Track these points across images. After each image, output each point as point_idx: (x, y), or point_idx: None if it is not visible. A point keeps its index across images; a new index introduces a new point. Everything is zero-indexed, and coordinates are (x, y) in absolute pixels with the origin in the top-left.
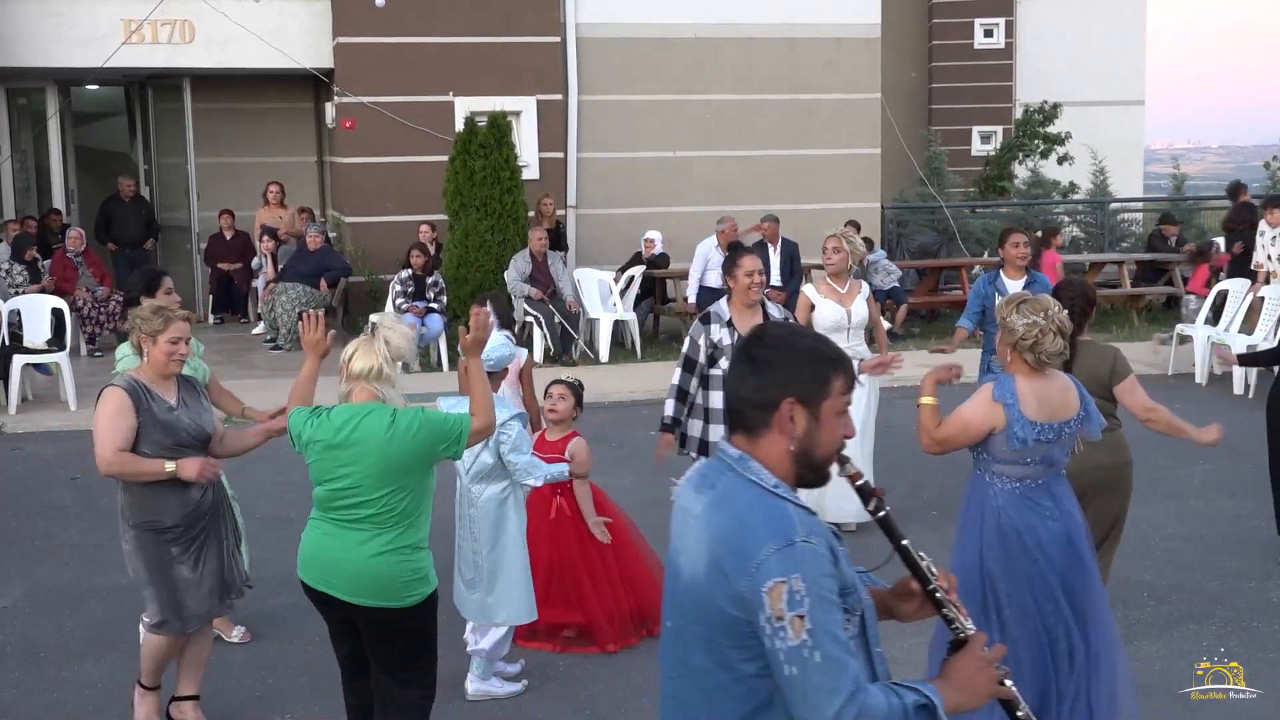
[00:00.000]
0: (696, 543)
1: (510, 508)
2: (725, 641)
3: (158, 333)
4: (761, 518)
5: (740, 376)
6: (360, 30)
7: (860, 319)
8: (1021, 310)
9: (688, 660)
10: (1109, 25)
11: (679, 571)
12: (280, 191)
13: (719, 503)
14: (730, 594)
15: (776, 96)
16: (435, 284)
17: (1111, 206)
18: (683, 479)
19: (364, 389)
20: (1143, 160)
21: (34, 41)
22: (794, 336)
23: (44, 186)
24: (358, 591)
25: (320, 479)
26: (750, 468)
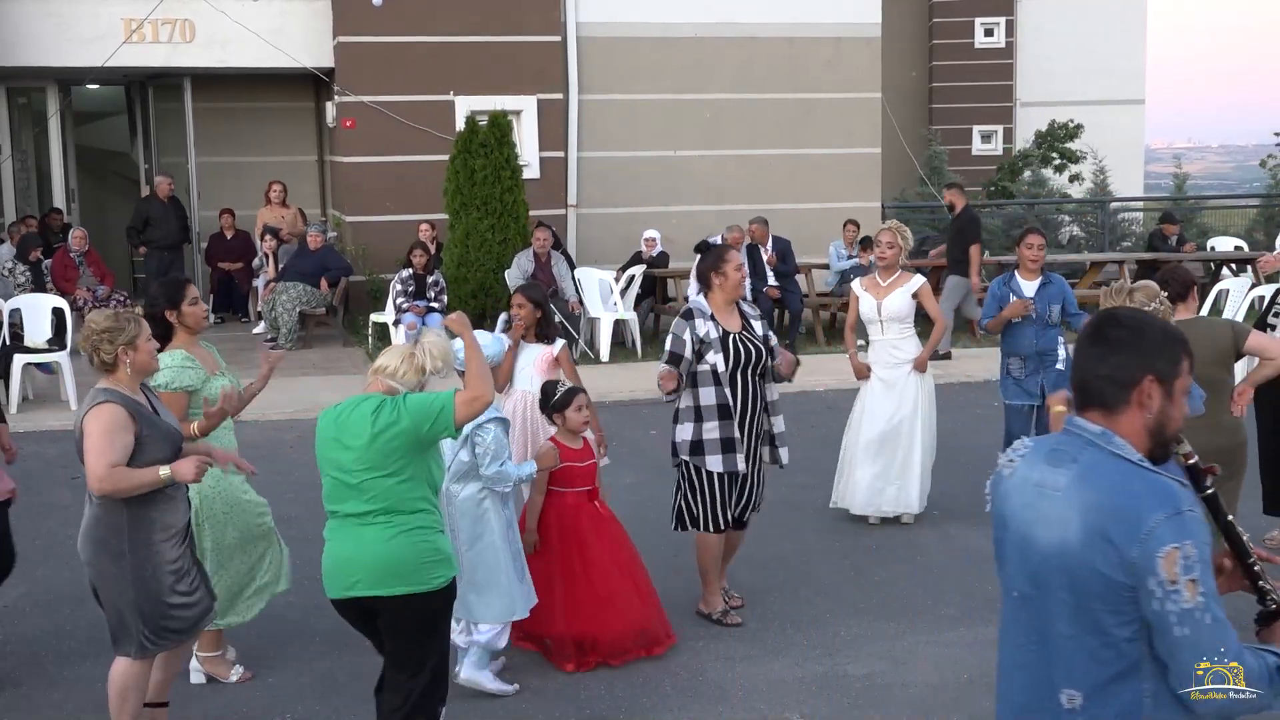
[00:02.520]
0: (1063, 512)
1: (490, 507)
2: (1100, 606)
3: (135, 337)
4: (1145, 488)
5: (1100, 356)
6: (361, 29)
7: (892, 313)
8: (1136, 299)
9: (1046, 628)
10: (1109, 25)
11: (1033, 541)
12: (283, 191)
13: (1089, 475)
14: (1118, 560)
15: (776, 96)
16: (436, 283)
17: (1112, 206)
18: (1019, 454)
19: (379, 382)
20: (1143, 160)
21: (34, 41)
22: (1147, 317)
23: (44, 186)
24: (380, 582)
25: (324, 469)
26: (1115, 442)
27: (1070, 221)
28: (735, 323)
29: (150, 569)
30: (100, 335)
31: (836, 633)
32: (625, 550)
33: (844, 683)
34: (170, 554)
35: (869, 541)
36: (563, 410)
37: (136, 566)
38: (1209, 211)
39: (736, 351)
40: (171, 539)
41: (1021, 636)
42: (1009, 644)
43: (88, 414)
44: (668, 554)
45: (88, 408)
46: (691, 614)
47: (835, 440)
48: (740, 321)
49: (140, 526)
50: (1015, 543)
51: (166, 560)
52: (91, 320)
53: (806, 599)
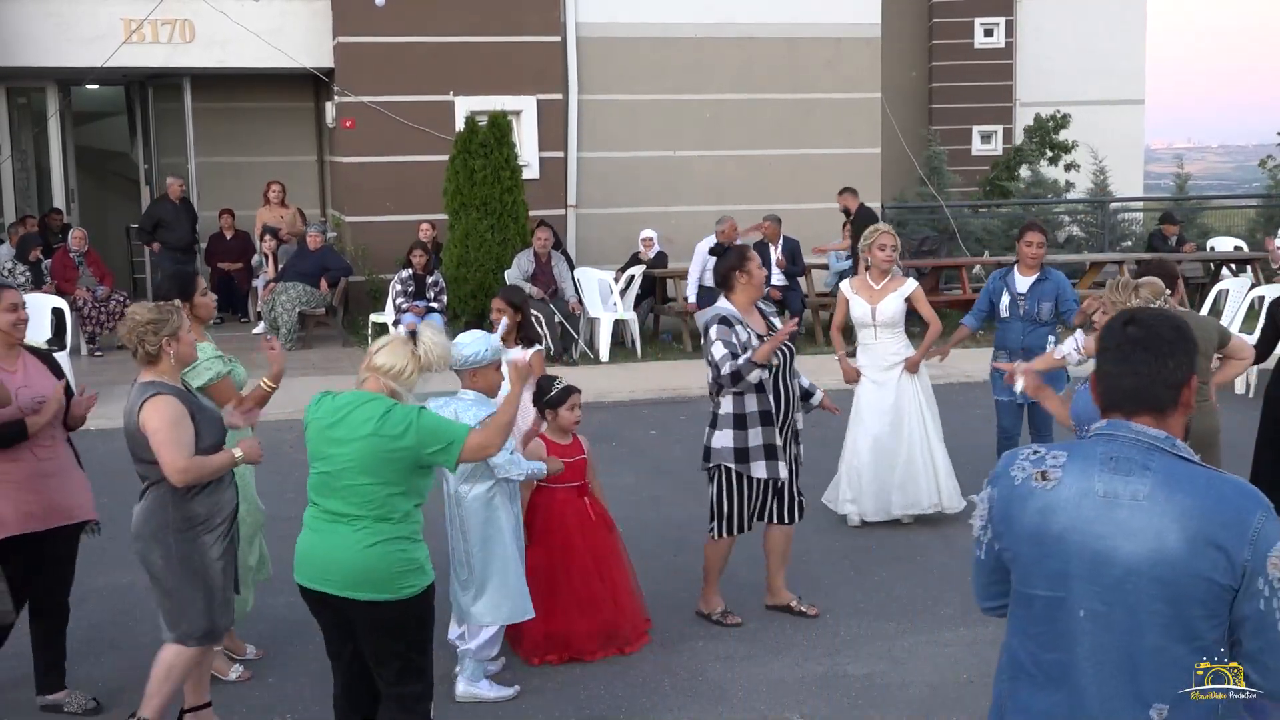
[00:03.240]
0: (1154, 522)
1: (498, 507)
2: (1199, 613)
3: (178, 329)
4: (1234, 490)
5: (1154, 359)
6: (360, 30)
7: (887, 316)
8: (1140, 295)
9: (1131, 644)
10: (1109, 25)
11: (1112, 555)
12: (282, 191)
13: (1174, 482)
14: (1227, 564)
15: (776, 96)
16: (436, 283)
17: (1112, 206)
18: (1055, 464)
19: (377, 381)
20: (1143, 160)
21: (34, 41)
22: (1178, 317)
23: (44, 186)
24: (352, 585)
25: (312, 459)
26: (1178, 446)
27: (1070, 222)
28: (760, 325)
29: (199, 559)
30: (145, 327)
31: (836, 633)
32: (610, 551)
33: (844, 683)
34: (219, 546)
35: (869, 541)
36: (556, 408)
37: (187, 557)
38: (1209, 212)
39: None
40: (219, 528)
41: (1094, 656)
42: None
43: (144, 408)
44: (667, 554)
45: (140, 402)
46: (691, 614)
47: (835, 440)
48: (764, 323)
49: (194, 513)
50: (1082, 559)
51: (215, 552)
52: (134, 313)
53: (807, 599)
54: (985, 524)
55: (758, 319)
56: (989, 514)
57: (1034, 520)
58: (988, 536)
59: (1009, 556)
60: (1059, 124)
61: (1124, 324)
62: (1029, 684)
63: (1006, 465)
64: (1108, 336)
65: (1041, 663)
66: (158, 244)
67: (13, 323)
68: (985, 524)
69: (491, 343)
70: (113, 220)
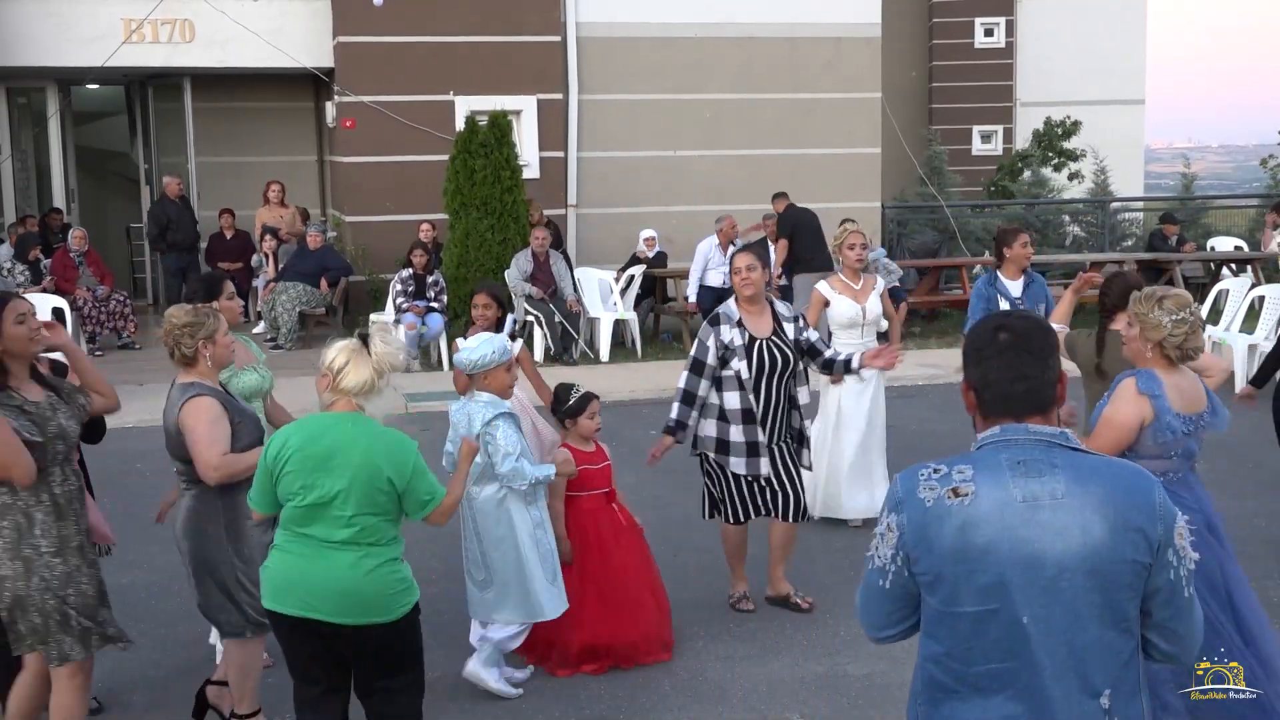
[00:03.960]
0: (1077, 517)
1: (510, 506)
2: (1126, 595)
3: (214, 331)
4: (1131, 472)
5: (1038, 361)
6: (360, 29)
7: (875, 315)
8: (1165, 307)
9: (1073, 640)
10: (1109, 25)
11: (1042, 557)
12: (281, 191)
13: (1083, 474)
14: (1144, 542)
15: (776, 96)
16: (436, 283)
17: (1112, 206)
18: (960, 479)
19: (348, 401)
20: (1143, 159)
21: (34, 41)
22: (1040, 319)
23: (44, 186)
24: (346, 611)
25: (293, 491)
26: (1070, 439)
27: (1070, 221)
28: (766, 326)
29: (248, 551)
30: (182, 330)
31: (836, 633)
32: (643, 557)
33: (844, 683)
34: (262, 537)
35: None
36: (576, 416)
37: (237, 551)
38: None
39: (761, 359)
40: (261, 523)
41: (1043, 658)
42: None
43: (184, 408)
44: (667, 555)
45: (181, 403)
46: (690, 614)
47: None
48: (772, 325)
49: (237, 512)
50: (1015, 566)
51: (259, 543)
52: (172, 315)
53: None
54: (895, 552)
55: (765, 321)
56: (899, 541)
57: (954, 538)
58: (896, 565)
59: (928, 580)
60: (1068, 130)
61: (996, 329)
62: (955, 700)
63: (909, 488)
64: (983, 345)
65: (968, 677)
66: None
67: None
68: (895, 552)
69: (498, 344)
70: (113, 220)
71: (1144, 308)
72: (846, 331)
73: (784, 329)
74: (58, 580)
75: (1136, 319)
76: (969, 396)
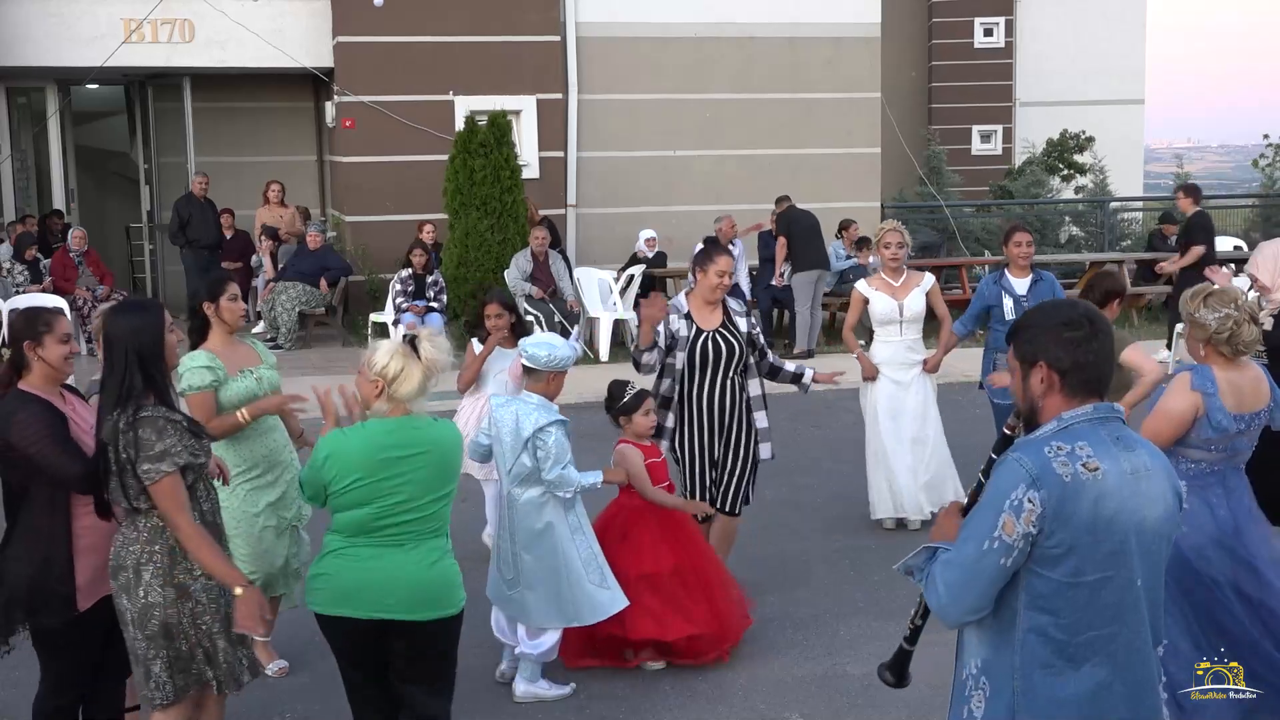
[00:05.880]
0: (1160, 485)
1: (551, 511)
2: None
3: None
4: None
5: (1107, 346)
6: (360, 29)
7: (914, 312)
8: (1210, 304)
9: (1152, 596)
10: (1109, 24)
11: (1145, 523)
12: (281, 191)
13: (1149, 448)
14: (1179, 504)
15: (776, 96)
16: (435, 283)
17: (1111, 206)
18: (1086, 457)
19: (400, 407)
20: (1143, 159)
21: (34, 41)
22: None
23: (44, 186)
24: (418, 606)
25: (368, 500)
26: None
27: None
28: (715, 319)
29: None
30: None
31: (836, 633)
32: (706, 545)
33: (844, 683)
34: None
35: (869, 541)
36: (631, 414)
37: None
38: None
39: (705, 350)
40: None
41: (1143, 618)
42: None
43: None
44: None
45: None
46: None
47: (835, 439)
48: (721, 317)
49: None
50: (1131, 534)
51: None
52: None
53: (806, 599)
54: (1032, 528)
55: (715, 315)
56: (1040, 516)
57: (1089, 510)
58: (1025, 542)
59: (1058, 553)
60: (1082, 145)
61: (1084, 316)
62: (1051, 675)
63: (1043, 465)
64: (1073, 328)
65: (1069, 647)
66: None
67: (64, 355)
68: (1032, 528)
69: (571, 347)
70: (112, 220)
71: (1190, 307)
72: (885, 329)
73: (735, 321)
74: (212, 607)
75: (1186, 319)
76: (1049, 378)
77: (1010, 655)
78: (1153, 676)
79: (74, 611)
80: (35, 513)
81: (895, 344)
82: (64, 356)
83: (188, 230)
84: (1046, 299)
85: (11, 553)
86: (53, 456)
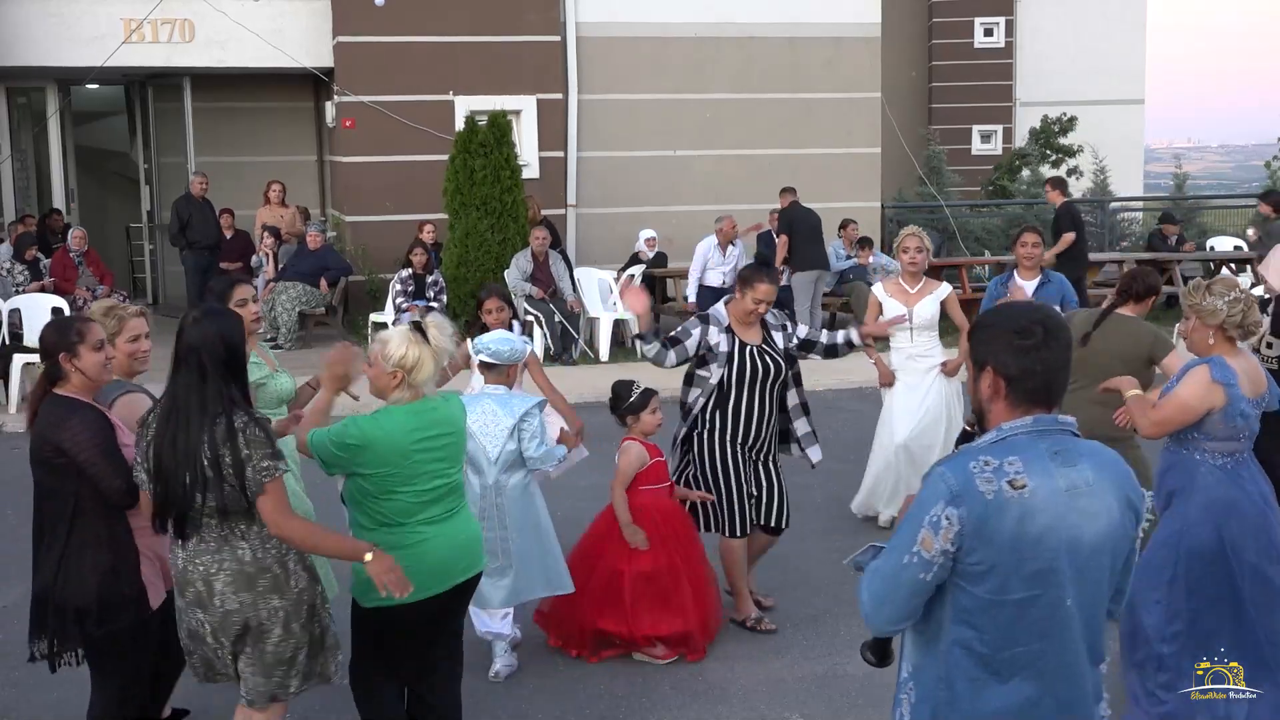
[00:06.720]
0: (1103, 501)
1: (534, 491)
2: (1120, 568)
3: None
4: (1115, 454)
5: (1064, 352)
6: (360, 29)
7: (925, 319)
8: (1216, 291)
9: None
10: (1109, 24)
11: (1080, 541)
12: (282, 190)
13: (1099, 461)
14: (1136, 518)
15: (776, 96)
16: (435, 283)
17: (1111, 206)
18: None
19: (415, 391)
20: (1143, 159)
21: (34, 41)
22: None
23: (44, 186)
24: (475, 562)
25: (406, 483)
26: (1075, 426)
27: None
28: (755, 335)
29: None
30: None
31: (836, 632)
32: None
33: (844, 683)
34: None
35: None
36: (638, 413)
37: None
38: (1208, 211)
39: (744, 363)
40: None
41: (1075, 637)
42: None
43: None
44: None
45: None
46: None
47: (835, 440)
48: (761, 334)
49: None
50: (1062, 552)
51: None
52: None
53: (806, 599)
54: (951, 545)
55: (755, 330)
56: (958, 534)
57: (1013, 529)
58: (945, 558)
59: (979, 571)
60: (1064, 127)
61: (1034, 321)
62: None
63: (965, 481)
64: (1021, 335)
65: (994, 662)
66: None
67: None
68: (951, 545)
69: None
70: (112, 220)
71: (1195, 298)
72: (896, 334)
73: (773, 338)
74: (311, 606)
75: (1191, 311)
76: (995, 384)
77: (936, 665)
78: (1086, 695)
79: (147, 612)
80: (92, 521)
81: (906, 349)
82: (101, 364)
83: (188, 232)
84: (1052, 301)
85: (72, 566)
86: (101, 465)
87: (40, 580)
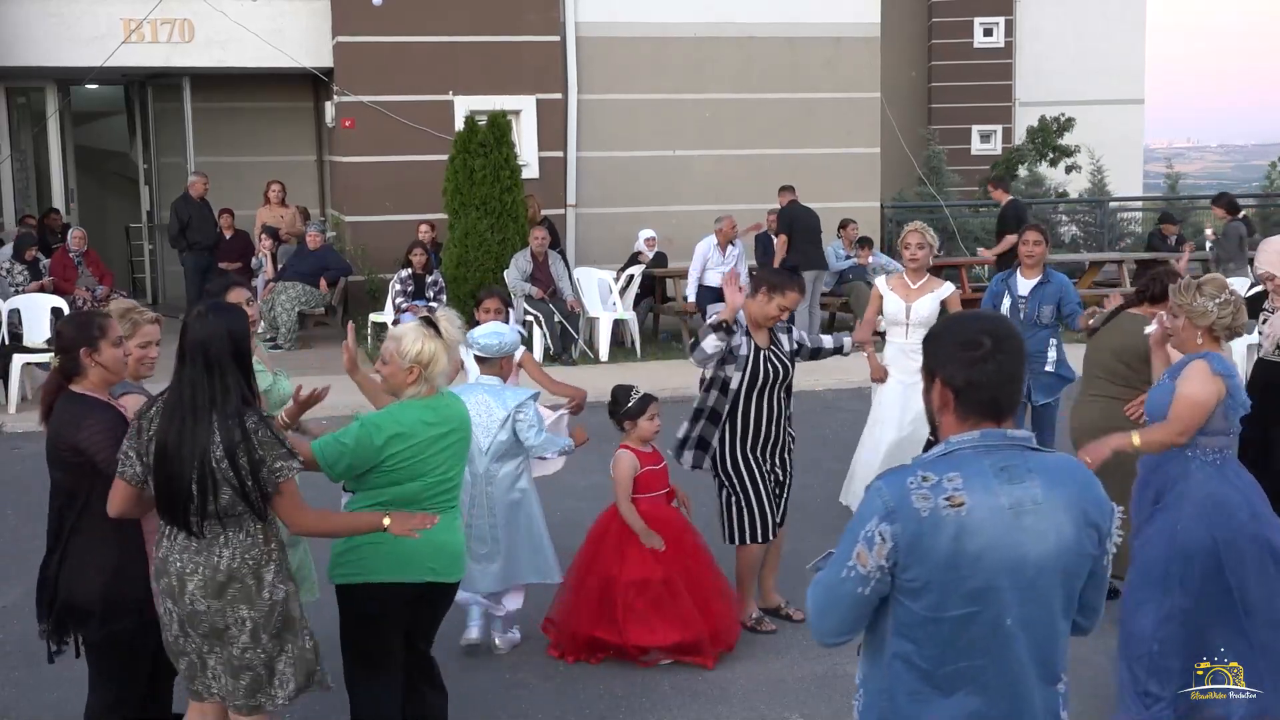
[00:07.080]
0: (1052, 519)
1: (525, 480)
2: (1078, 585)
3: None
4: (1079, 468)
5: (1015, 365)
6: (360, 29)
7: (923, 316)
8: (1206, 292)
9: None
10: (1109, 24)
11: (1024, 560)
12: (281, 190)
13: (1052, 477)
14: (1098, 536)
15: (776, 96)
16: (435, 283)
17: (1110, 206)
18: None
19: (430, 385)
20: (1142, 159)
21: (34, 41)
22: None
23: (44, 186)
24: (455, 569)
25: (419, 474)
26: (1032, 439)
27: (1068, 221)
28: (764, 337)
29: None
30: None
31: None
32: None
33: (844, 683)
34: None
35: None
36: (636, 418)
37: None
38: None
39: (755, 369)
40: None
41: (1020, 656)
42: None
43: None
44: None
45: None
46: None
47: (835, 440)
48: (768, 336)
49: None
50: (1003, 571)
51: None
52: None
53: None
54: (885, 561)
55: (764, 332)
56: (891, 551)
57: (949, 547)
58: (881, 573)
59: (915, 587)
60: (1062, 127)
61: (981, 332)
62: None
63: (901, 497)
64: (968, 346)
65: (935, 676)
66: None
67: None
68: (885, 561)
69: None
70: (112, 220)
71: (1185, 298)
72: (893, 329)
73: (779, 339)
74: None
75: (1180, 310)
76: (943, 396)
77: (880, 676)
78: (1035, 713)
79: (151, 616)
80: (98, 521)
81: (901, 345)
82: (120, 360)
83: (188, 233)
84: (1049, 301)
85: (75, 565)
86: (115, 466)
87: (45, 574)
